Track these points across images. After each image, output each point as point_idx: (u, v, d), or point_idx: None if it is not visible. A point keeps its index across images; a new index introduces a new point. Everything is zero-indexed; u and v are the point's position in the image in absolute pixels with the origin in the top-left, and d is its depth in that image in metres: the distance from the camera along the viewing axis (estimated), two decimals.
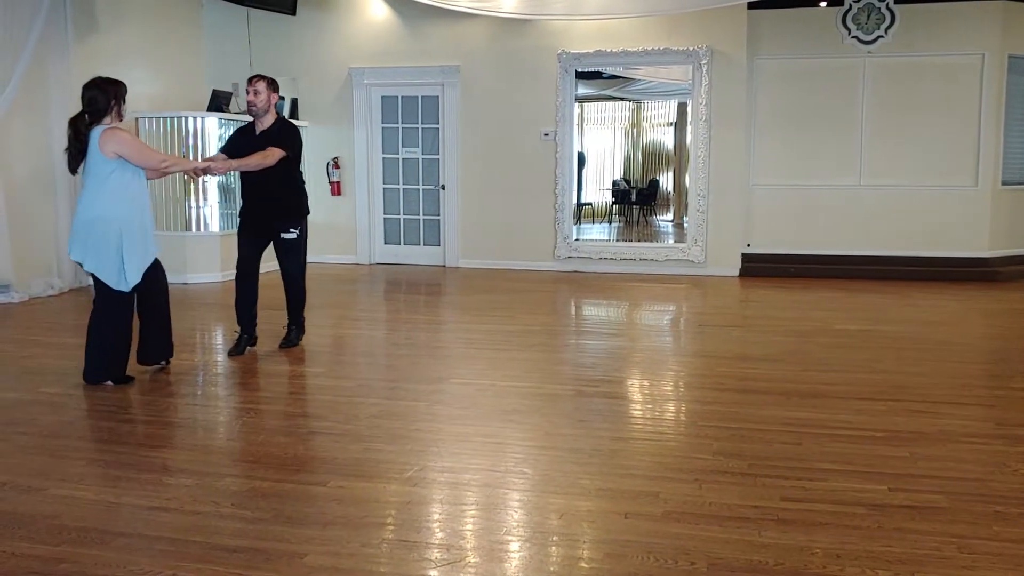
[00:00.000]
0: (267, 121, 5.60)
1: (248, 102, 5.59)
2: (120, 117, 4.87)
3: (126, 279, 4.84)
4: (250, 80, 5.59)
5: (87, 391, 4.82)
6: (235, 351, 5.70)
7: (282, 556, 2.79)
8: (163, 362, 5.25)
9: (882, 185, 9.62)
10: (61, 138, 8.28)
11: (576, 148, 10.87)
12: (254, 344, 5.80)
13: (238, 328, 5.78)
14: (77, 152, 4.76)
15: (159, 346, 5.16)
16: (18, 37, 7.73)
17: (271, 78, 5.67)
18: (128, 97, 4.92)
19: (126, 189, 4.79)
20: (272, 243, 5.79)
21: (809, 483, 3.45)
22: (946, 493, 3.34)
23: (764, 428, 4.17)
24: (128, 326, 4.96)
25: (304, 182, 5.92)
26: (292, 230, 5.73)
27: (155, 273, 5.01)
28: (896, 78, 9.51)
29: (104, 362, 4.89)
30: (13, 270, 7.81)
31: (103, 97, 4.76)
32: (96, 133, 4.73)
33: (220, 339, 6.45)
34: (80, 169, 4.83)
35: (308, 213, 5.88)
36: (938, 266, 9.41)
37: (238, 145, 5.61)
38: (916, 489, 3.39)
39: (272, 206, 5.68)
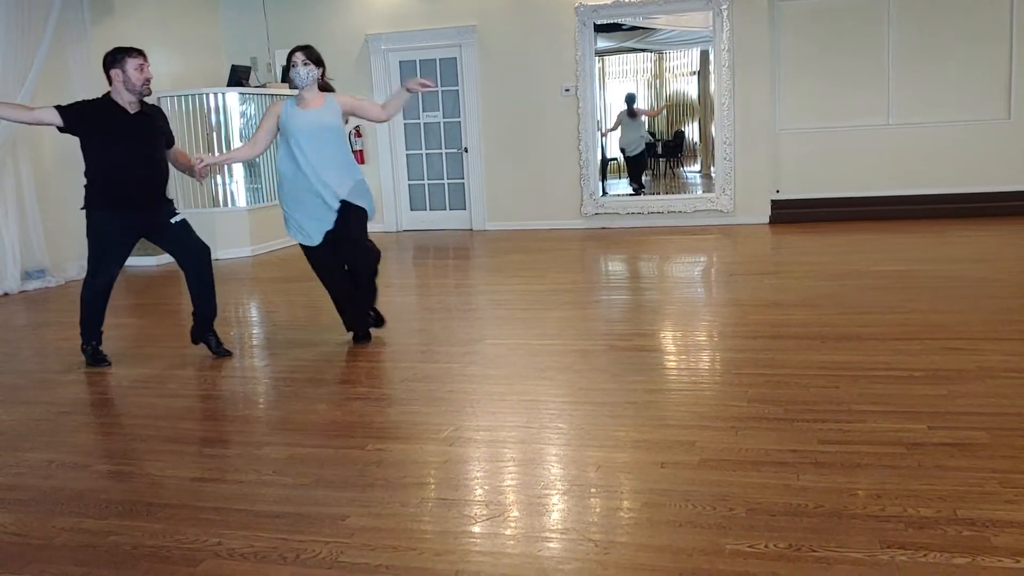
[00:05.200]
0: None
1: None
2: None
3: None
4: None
5: (124, 369, 4.89)
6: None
7: (324, 519, 2.83)
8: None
9: (913, 123, 9.43)
10: None
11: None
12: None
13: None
14: None
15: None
16: (36, 23, 7.76)
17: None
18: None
19: None
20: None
21: (847, 425, 3.42)
22: (987, 429, 3.30)
23: (800, 373, 4.14)
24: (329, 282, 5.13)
25: None
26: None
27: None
28: (922, 12, 9.28)
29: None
30: (48, 255, 7.93)
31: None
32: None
33: (254, 312, 6.52)
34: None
35: None
36: (974, 202, 9.24)
37: None
38: (956, 426, 3.35)
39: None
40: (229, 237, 9.03)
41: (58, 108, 4.68)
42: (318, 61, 4.93)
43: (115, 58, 4.74)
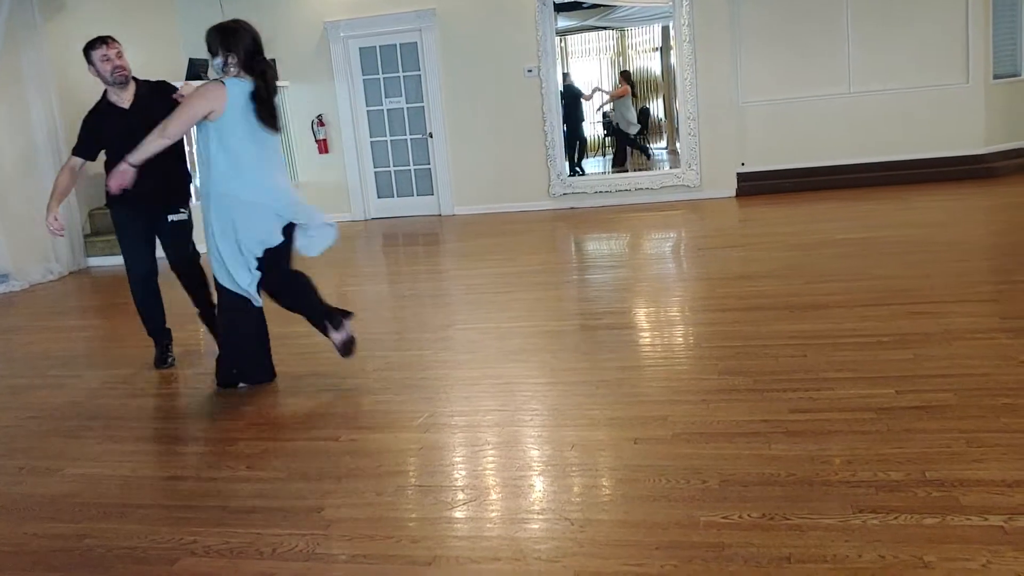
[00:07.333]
0: None
1: None
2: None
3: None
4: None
5: (93, 372, 4.83)
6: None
7: (299, 512, 2.82)
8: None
9: (872, 91, 9.48)
10: (41, 121, 8.25)
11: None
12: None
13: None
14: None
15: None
16: None
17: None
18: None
19: None
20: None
21: (816, 393, 3.46)
22: (954, 390, 3.35)
23: (769, 343, 4.17)
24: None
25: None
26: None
27: None
28: None
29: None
30: (10, 258, 7.80)
31: None
32: None
33: None
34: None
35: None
36: (935, 167, 9.33)
37: None
38: (924, 389, 3.39)
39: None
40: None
41: (76, 152, 4.50)
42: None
43: (85, 56, 4.53)
